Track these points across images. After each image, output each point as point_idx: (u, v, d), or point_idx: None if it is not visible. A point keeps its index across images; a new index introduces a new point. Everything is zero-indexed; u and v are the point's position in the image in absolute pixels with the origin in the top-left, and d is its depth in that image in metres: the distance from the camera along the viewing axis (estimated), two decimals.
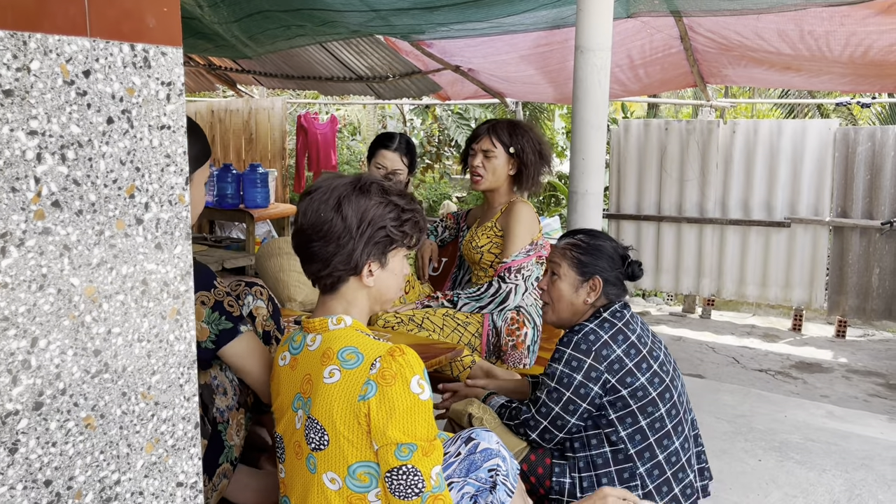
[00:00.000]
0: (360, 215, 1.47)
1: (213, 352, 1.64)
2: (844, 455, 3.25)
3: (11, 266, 0.82)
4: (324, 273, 1.50)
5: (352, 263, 1.48)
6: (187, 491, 1.06)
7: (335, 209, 1.47)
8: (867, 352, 5.32)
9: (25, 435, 0.85)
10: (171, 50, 0.96)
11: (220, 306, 1.65)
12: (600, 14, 2.74)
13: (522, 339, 2.78)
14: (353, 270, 1.49)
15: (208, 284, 1.65)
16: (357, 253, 1.48)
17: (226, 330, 1.64)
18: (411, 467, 1.32)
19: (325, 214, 1.47)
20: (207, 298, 1.63)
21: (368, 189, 1.51)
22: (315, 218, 1.48)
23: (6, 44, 0.79)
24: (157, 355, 0.99)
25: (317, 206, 1.49)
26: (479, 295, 2.78)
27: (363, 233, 1.47)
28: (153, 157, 0.96)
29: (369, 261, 1.50)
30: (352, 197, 1.49)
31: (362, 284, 1.51)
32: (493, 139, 2.86)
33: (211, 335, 1.62)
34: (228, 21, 4.77)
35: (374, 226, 1.49)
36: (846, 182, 5.41)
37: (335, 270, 1.49)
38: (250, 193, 6.59)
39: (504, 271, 2.77)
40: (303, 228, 1.50)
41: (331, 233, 1.47)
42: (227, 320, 1.64)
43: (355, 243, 1.47)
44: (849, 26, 3.81)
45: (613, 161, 6.11)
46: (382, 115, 12.92)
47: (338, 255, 1.47)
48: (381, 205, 1.50)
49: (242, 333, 1.66)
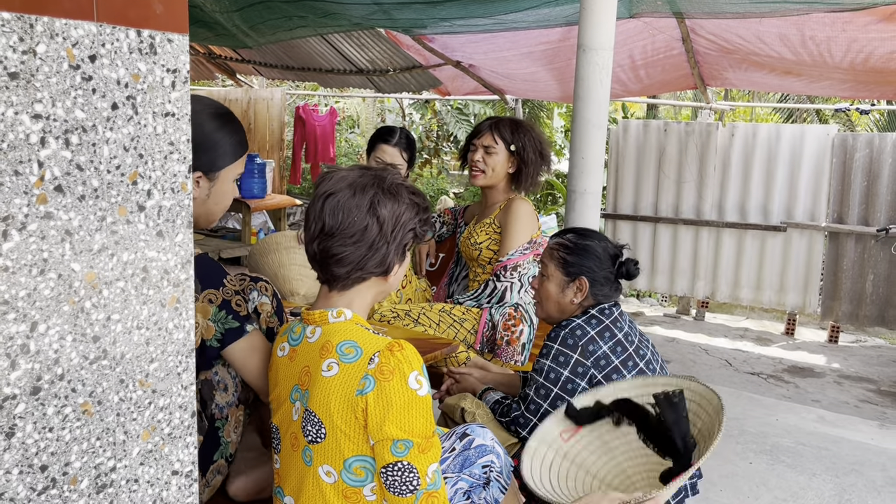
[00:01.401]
0: (394, 220, 1.47)
1: (218, 350, 1.63)
2: (835, 460, 3.27)
3: (13, 250, 0.82)
4: (354, 275, 1.47)
5: (385, 265, 1.49)
6: (182, 479, 1.06)
7: (370, 213, 1.45)
8: (859, 358, 5.35)
9: (23, 420, 0.85)
10: (178, 37, 0.96)
11: (228, 305, 1.63)
12: (603, 13, 2.74)
13: (517, 336, 2.78)
14: (384, 272, 1.50)
15: (217, 282, 1.64)
16: (390, 256, 1.48)
17: (232, 329, 1.63)
18: (407, 464, 1.32)
19: (359, 219, 1.44)
20: (216, 296, 1.62)
21: (398, 191, 1.50)
22: (347, 220, 1.44)
23: (13, 26, 0.79)
24: (155, 343, 0.99)
25: (348, 207, 1.44)
26: (476, 296, 2.82)
27: (396, 236, 1.48)
28: (157, 144, 0.96)
29: (396, 260, 1.51)
30: (385, 200, 1.46)
31: (383, 282, 1.52)
32: (495, 135, 2.87)
33: (217, 333, 1.61)
34: (230, 10, 4.75)
35: (405, 228, 1.49)
36: (843, 188, 5.43)
37: (367, 273, 1.48)
38: (247, 183, 6.58)
39: (500, 270, 2.78)
40: (331, 232, 1.45)
41: (365, 237, 1.45)
42: (234, 319, 1.63)
43: (390, 247, 1.47)
44: (850, 32, 3.82)
45: (612, 161, 6.11)
46: (382, 108, 12.89)
47: (372, 258, 1.46)
48: (410, 207, 1.50)
49: (248, 333, 1.65)
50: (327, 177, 1.51)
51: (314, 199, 1.49)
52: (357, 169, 1.53)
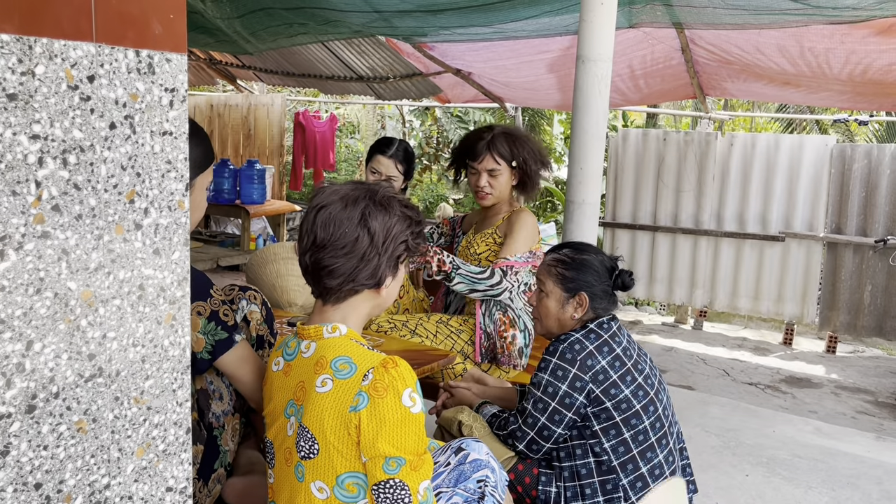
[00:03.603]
0: (385, 232, 1.48)
1: (210, 362, 1.64)
2: (831, 472, 3.27)
3: (9, 269, 0.82)
4: (346, 287, 1.48)
5: (376, 278, 1.49)
6: (177, 496, 1.06)
7: (360, 225, 1.46)
8: (857, 368, 5.35)
9: (17, 438, 0.85)
10: (176, 57, 0.97)
11: (216, 316, 1.64)
12: (603, 24, 2.75)
13: (510, 341, 2.76)
14: (375, 284, 1.50)
15: (204, 294, 1.65)
16: (381, 268, 1.49)
17: (221, 340, 1.63)
18: (399, 481, 1.32)
19: (351, 231, 1.46)
20: (203, 308, 1.63)
21: (389, 203, 1.51)
22: (338, 233, 1.46)
23: (11, 48, 0.79)
24: (151, 360, 0.99)
25: (340, 219, 1.46)
26: (478, 277, 2.65)
27: (387, 248, 1.48)
28: (154, 162, 0.96)
29: (388, 273, 1.51)
30: (376, 213, 1.48)
31: (376, 295, 1.52)
32: (496, 156, 2.81)
33: (207, 345, 1.62)
34: (231, 16, 4.76)
35: (397, 241, 1.50)
36: (841, 198, 5.44)
37: (358, 285, 1.49)
38: (247, 189, 6.59)
39: (507, 268, 2.72)
40: (322, 244, 1.47)
41: (356, 249, 1.46)
42: (223, 330, 1.64)
43: (381, 259, 1.48)
44: (849, 44, 3.83)
45: (611, 169, 6.12)
46: (382, 115, 12.91)
47: (363, 270, 1.47)
48: (401, 220, 1.51)
49: (237, 343, 1.66)
50: (321, 191, 1.54)
51: (307, 212, 1.52)
52: (351, 183, 1.55)
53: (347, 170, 12.19)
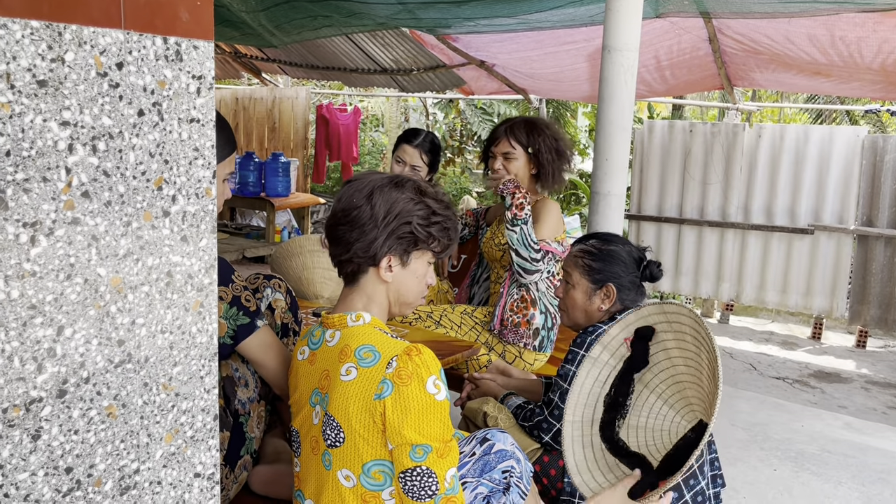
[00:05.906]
0: (388, 206, 1.49)
1: (232, 347, 1.65)
2: (861, 468, 3.21)
3: (40, 255, 0.83)
4: (343, 258, 1.52)
5: (370, 252, 1.49)
6: (204, 482, 1.07)
7: (366, 197, 1.50)
8: (888, 363, 5.25)
9: (48, 422, 0.86)
10: (203, 44, 0.97)
11: (238, 301, 1.65)
12: (629, 14, 2.72)
13: (528, 320, 2.74)
14: (371, 261, 1.50)
15: (226, 279, 1.66)
16: (378, 243, 1.48)
17: (243, 325, 1.64)
18: (426, 468, 1.32)
19: (357, 201, 1.50)
20: (225, 294, 1.64)
21: (403, 185, 1.53)
22: (347, 203, 1.51)
23: (41, 34, 0.80)
24: (179, 347, 1.00)
25: (351, 192, 1.52)
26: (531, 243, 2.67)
27: (388, 224, 1.48)
28: (182, 150, 0.96)
29: (389, 254, 1.49)
30: (385, 188, 1.51)
31: (380, 279, 1.51)
32: (512, 140, 2.82)
33: (229, 330, 1.63)
34: (255, 10, 4.78)
35: (400, 219, 1.49)
36: (872, 190, 5.33)
37: (354, 257, 1.50)
38: (272, 182, 6.63)
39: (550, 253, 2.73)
40: (335, 212, 1.54)
41: (357, 219, 1.49)
42: (245, 315, 1.65)
43: (378, 233, 1.48)
44: (881, 33, 3.75)
45: (636, 161, 6.06)
46: (406, 107, 12.91)
47: (359, 241, 1.48)
48: (411, 201, 1.50)
49: (259, 328, 1.67)
50: (359, 174, 1.58)
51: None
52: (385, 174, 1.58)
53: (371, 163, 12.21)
